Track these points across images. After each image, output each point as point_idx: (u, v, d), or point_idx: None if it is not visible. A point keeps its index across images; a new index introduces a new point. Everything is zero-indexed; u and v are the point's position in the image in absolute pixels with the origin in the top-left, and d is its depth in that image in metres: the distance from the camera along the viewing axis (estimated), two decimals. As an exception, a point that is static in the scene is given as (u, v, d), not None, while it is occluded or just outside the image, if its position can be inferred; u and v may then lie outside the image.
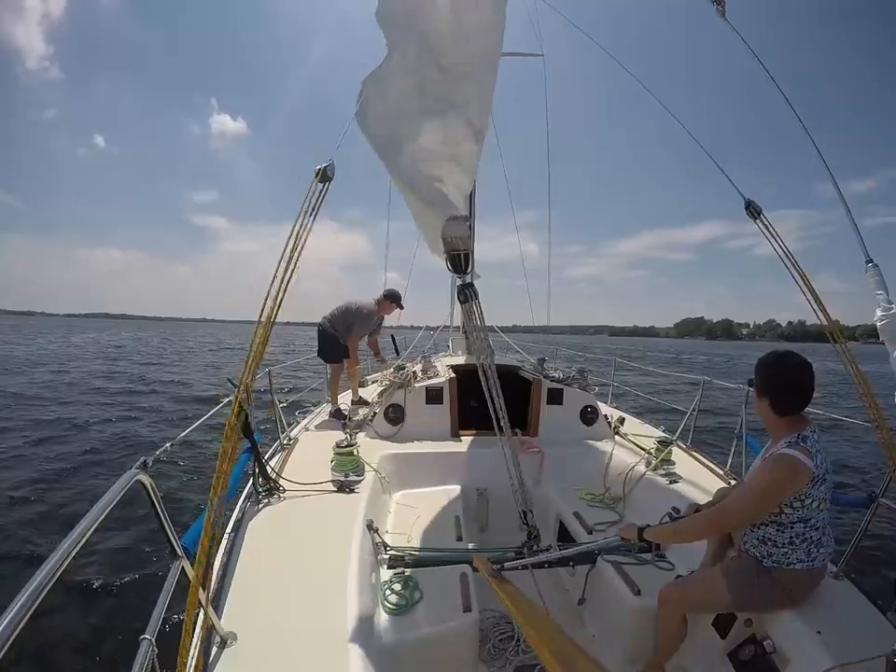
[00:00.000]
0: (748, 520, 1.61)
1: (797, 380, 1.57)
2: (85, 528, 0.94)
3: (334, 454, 2.66)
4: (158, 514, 1.25)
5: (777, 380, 1.60)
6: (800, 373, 1.57)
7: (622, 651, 2.08)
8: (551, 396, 3.72)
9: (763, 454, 1.70)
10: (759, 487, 1.54)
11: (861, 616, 1.63)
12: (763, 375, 1.64)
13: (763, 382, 1.64)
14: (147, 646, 1.09)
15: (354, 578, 1.72)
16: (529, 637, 1.57)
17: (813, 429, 1.59)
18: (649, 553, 2.30)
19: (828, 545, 1.64)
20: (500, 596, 1.75)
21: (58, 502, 5.01)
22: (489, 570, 1.89)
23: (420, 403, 3.63)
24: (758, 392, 1.67)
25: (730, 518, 1.57)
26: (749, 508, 1.54)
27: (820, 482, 1.53)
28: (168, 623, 1.20)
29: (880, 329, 1.79)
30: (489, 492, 3.13)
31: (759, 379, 1.66)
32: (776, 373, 1.60)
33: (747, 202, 2.45)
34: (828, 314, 2.20)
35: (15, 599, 0.72)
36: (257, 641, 1.41)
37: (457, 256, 1.83)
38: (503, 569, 1.90)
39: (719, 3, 2.57)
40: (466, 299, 1.94)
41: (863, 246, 1.99)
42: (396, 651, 1.66)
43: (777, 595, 1.60)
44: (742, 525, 1.66)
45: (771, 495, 1.53)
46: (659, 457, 3.02)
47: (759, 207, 2.41)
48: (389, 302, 4.39)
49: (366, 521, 2.20)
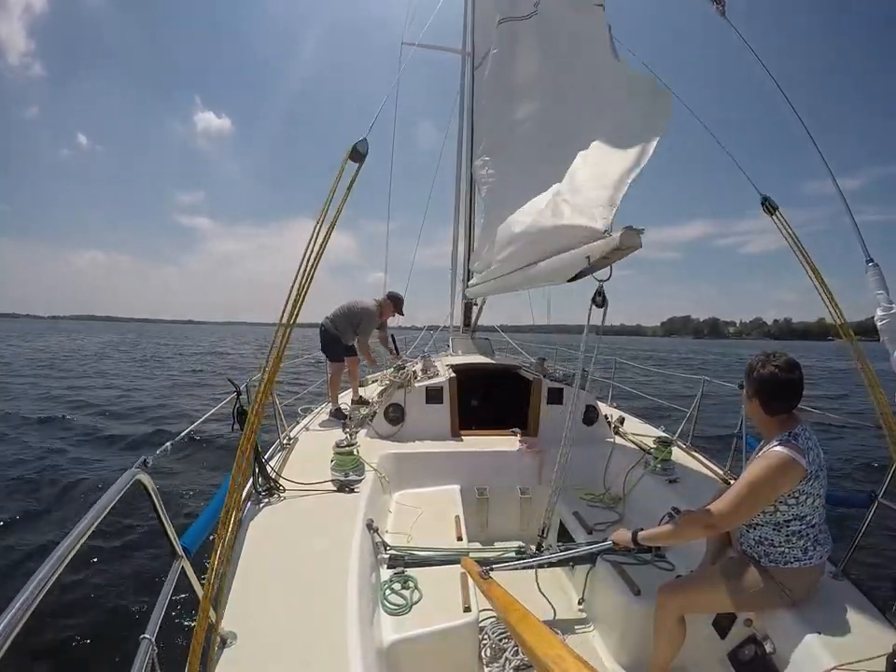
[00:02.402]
0: (741, 518, 1.60)
1: (786, 380, 1.58)
2: (85, 528, 0.94)
3: (334, 453, 2.66)
4: (158, 514, 1.25)
5: (767, 381, 1.60)
6: (788, 373, 1.58)
7: (622, 650, 2.08)
8: (551, 395, 3.72)
9: (756, 453, 1.70)
10: (750, 485, 1.54)
11: (860, 616, 1.63)
12: (752, 377, 1.65)
13: (752, 383, 1.65)
14: (147, 646, 1.09)
15: (354, 578, 1.72)
16: (517, 638, 1.56)
17: (804, 427, 1.60)
18: (649, 552, 2.30)
19: (825, 543, 1.64)
20: (488, 598, 1.75)
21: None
22: (477, 572, 1.88)
23: (420, 403, 3.63)
24: (748, 393, 1.69)
25: (722, 518, 1.56)
26: (741, 506, 1.54)
27: (814, 478, 1.54)
28: (168, 623, 1.20)
29: (880, 328, 1.79)
30: (489, 492, 3.13)
31: (748, 381, 1.68)
32: (764, 374, 1.61)
33: (763, 197, 2.46)
34: (840, 311, 2.20)
35: (15, 599, 0.72)
36: (257, 641, 1.41)
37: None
38: (491, 570, 1.88)
39: (719, 2, 2.57)
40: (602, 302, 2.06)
41: (863, 246, 1.99)
42: (396, 651, 1.66)
43: (777, 594, 1.60)
44: (736, 524, 1.65)
45: (762, 492, 1.53)
46: (659, 457, 3.02)
47: (775, 203, 2.43)
48: (391, 305, 4.45)
49: (366, 521, 2.20)
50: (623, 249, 1.92)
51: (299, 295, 1.97)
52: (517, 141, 3.51)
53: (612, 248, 1.95)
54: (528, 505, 3.14)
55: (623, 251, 1.94)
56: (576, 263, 2.22)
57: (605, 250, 2.00)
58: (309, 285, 1.99)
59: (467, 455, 3.32)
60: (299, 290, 1.97)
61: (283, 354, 1.99)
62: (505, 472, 3.24)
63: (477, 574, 1.87)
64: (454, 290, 6.66)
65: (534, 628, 1.49)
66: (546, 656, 1.33)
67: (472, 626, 1.83)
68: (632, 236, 1.88)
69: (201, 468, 6.28)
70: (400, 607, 1.83)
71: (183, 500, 5.08)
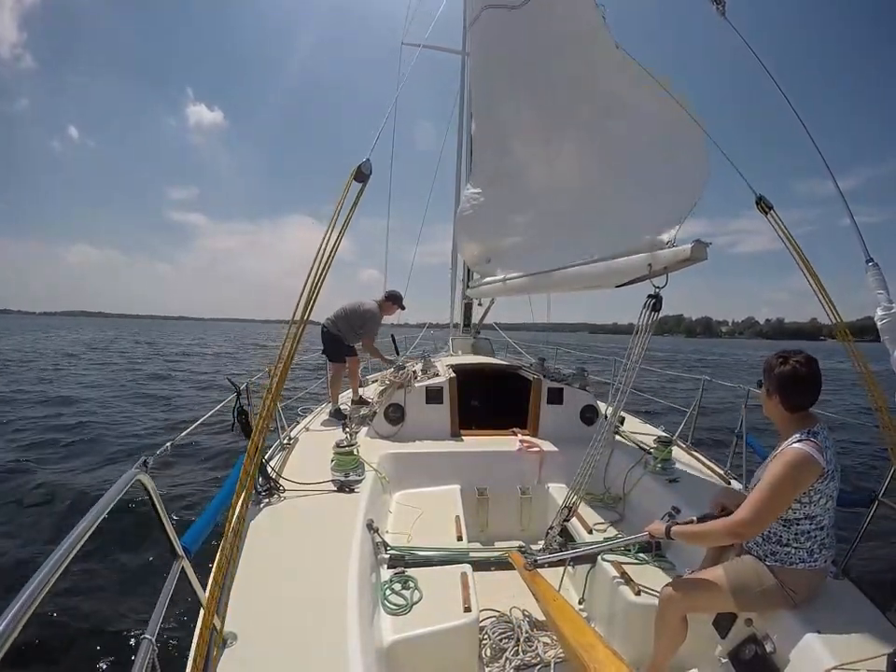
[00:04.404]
0: (766, 523, 1.58)
1: (806, 374, 1.59)
2: (85, 528, 0.94)
3: (334, 453, 2.66)
4: (158, 514, 1.25)
5: (787, 376, 1.61)
6: (808, 368, 1.60)
7: (622, 650, 2.08)
8: (551, 395, 3.72)
9: (771, 456, 1.70)
10: (770, 486, 1.53)
11: (861, 616, 1.63)
12: (772, 374, 1.66)
13: (772, 380, 1.66)
14: (147, 646, 1.09)
15: (354, 578, 1.72)
16: (554, 626, 1.77)
17: (823, 426, 1.60)
18: (649, 552, 2.30)
19: (831, 546, 1.64)
20: (531, 588, 2.00)
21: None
22: (523, 564, 2.13)
23: (420, 403, 3.63)
24: (767, 391, 1.69)
25: (748, 526, 1.55)
26: (764, 510, 1.53)
27: (829, 478, 1.54)
28: (168, 623, 1.20)
29: (881, 328, 1.79)
30: (489, 492, 3.13)
31: (768, 378, 1.68)
32: (785, 370, 1.62)
33: (758, 197, 2.46)
34: (837, 311, 2.21)
35: (15, 599, 0.72)
36: (257, 641, 1.41)
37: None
38: (536, 564, 2.11)
39: (718, 2, 2.57)
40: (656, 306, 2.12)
41: (864, 246, 1.99)
42: (396, 651, 1.66)
43: (779, 595, 1.60)
44: (762, 529, 1.62)
45: (785, 490, 1.53)
46: (659, 457, 3.02)
47: (770, 203, 2.43)
48: (391, 304, 4.52)
49: (366, 521, 2.20)
50: (689, 260, 1.95)
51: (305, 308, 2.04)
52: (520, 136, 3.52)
53: (680, 259, 1.98)
54: (528, 505, 3.14)
55: (688, 262, 1.98)
56: (635, 270, 2.27)
57: (672, 260, 2.04)
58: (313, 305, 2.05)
59: (467, 455, 3.32)
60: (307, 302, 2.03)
61: (292, 357, 2.02)
62: (505, 472, 3.24)
63: (523, 566, 2.13)
64: (454, 290, 6.66)
65: (571, 619, 1.64)
66: (579, 644, 1.48)
67: (472, 626, 1.83)
68: (701, 249, 1.93)
69: (201, 468, 6.28)
70: (401, 607, 1.83)
71: (183, 500, 5.08)
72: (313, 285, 2.03)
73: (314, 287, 2.03)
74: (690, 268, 2.13)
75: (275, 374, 1.97)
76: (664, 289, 2.10)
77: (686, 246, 1.98)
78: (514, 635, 2.12)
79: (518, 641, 2.09)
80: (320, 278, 2.04)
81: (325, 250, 2.07)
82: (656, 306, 2.08)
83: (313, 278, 2.03)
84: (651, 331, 2.14)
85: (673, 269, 2.09)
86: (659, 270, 2.12)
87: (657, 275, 2.14)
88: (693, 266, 2.11)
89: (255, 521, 2.11)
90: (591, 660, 1.47)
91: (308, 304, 2.02)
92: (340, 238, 2.12)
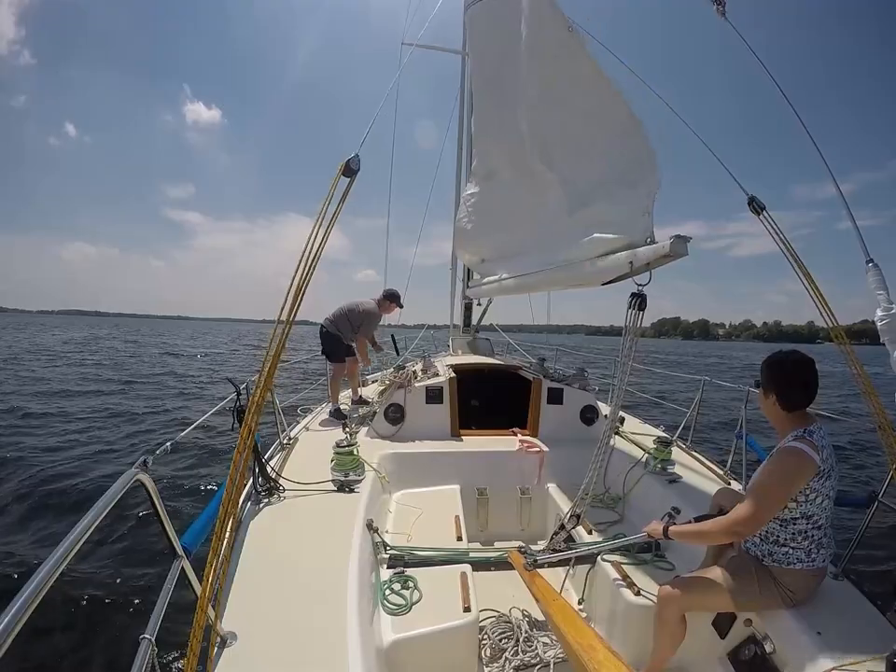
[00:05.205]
0: (762, 522, 1.58)
1: (801, 375, 1.61)
2: (85, 528, 0.94)
3: (334, 453, 2.66)
4: (158, 514, 1.25)
5: (783, 375, 1.63)
6: (804, 369, 1.61)
7: (621, 650, 2.08)
8: (551, 395, 3.72)
9: (771, 453, 1.71)
10: (767, 483, 1.55)
11: (861, 616, 1.63)
12: (768, 373, 1.68)
13: (769, 379, 1.67)
14: (147, 646, 1.09)
15: (354, 577, 1.72)
16: (554, 626, 1.77)
17: (819, 426, 1.60)
18: (649, 553, 2.30)
19: (829, 546, 1.64)
20: (531, 588, 2.00)
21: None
22: (522, 564, 2.13)
23: (420, 403, 3.63)
24: (764, 390, 1.70)
25: (745, 525, 1.55)
26: (762, 506, 1.54)
27: (825, 477, 1.54)
28: (168, 623, 1.20)
29: (881, 328, 1.79)
30: (489, 492, 3.13)
31: (765, 377, 1.69)
32: (781, 369, 1.64)
33: (750, 198, 2.45)
34: (832, 313, 2.21)
35: (15, 599, 0.72)
36: (257, 641, 1.41)
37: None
38: (536, 564, 2.12)
39: (719, 3, 2.57)
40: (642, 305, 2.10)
41: (864, 246, 1.99)
42: (395, 651, 1.66)
43: (778, 595, 1.60)
44: (760, 527, 1.63)
45: (780, 488, 1.53)
46: (659, 457, 3.02)
47: (762, 203, 2.43)
48: (390, 303, 4.52)
49: (366, 520, 2.21)
50: (670, 256, 1.94)
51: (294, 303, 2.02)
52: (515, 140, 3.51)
53: (660, 255, 1.97)
54: (528, 505, 3.14)
55: (669, 258, 1.96)
56: (618, 268, 2.25)
57: (651, 257, 2.03)
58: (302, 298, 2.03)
59: (467, 455, 3.32)
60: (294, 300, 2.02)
61: (279, 355, 2.02)
62: (505, 472, 3.24)
63: (522, 566, 2.12)
64: (454, 290, 6.66)
65: (570, 619, 1.65)
66: (579, 645, 1.48)
67: (472, 626, 1.83)
68: (681, 244, 1.91)
69: (201, 467, 6.27)
70: (400, 607, 1.83)
71: (183, 500, 5.07)
72: (300, 282, 2.01)
73: (301, 284, 2.02)
74: (690, 271, 2.13)
75: (266, 362, 1.97)
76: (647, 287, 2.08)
77: (665, 242, 1.97)
78: (514, 635, 2.13)
79: (518, 641, 2.09)
80: (307, 276, 2.02)
81: (312, 247, 2.05)
82: (641, 305, 2.08)
83: (300, 276, 2.02)
84: (640, 330, 2.13)
85: (655, 265, 2.07)
86: (641, 267, 2.11)
87: (640, 272, 2.13)
88: (689, 269, 2.10)
89: (255, 520, 2.11)
90: (590, 660, 1.47)
91: (295, 302, 2.01)
92: (327, 234, 2.10)
